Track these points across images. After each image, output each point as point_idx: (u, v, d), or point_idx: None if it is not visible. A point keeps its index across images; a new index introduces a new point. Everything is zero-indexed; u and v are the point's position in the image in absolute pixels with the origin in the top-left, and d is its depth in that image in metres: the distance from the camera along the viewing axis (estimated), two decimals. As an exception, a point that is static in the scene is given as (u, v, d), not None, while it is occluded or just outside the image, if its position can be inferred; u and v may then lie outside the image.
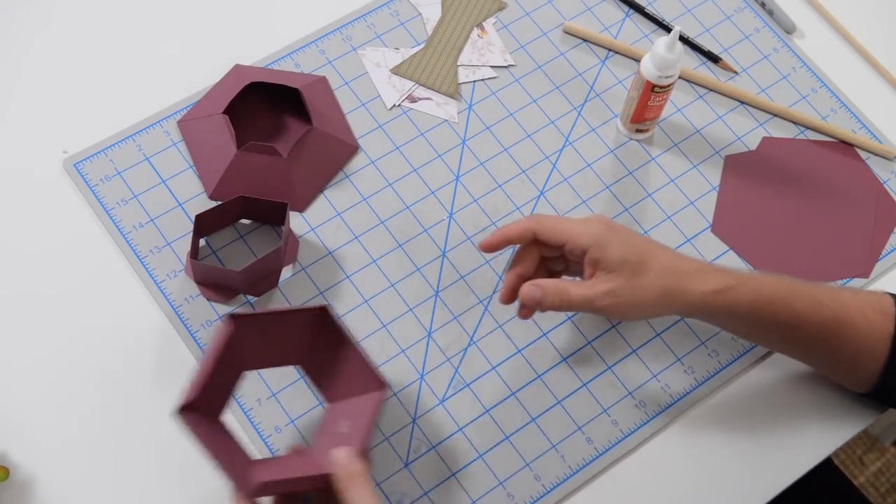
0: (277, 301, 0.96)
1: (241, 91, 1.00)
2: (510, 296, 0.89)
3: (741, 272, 0.89)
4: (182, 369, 0.93)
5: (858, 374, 0.91)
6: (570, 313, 0.98)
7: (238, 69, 1.03)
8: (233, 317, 0.81)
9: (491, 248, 0.88)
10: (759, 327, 0.89)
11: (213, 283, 0.95)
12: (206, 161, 1.00)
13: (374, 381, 0.84)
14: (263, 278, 0.95)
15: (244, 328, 0.82)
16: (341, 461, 0.78)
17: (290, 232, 0.98)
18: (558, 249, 0.89)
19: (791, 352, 0.93)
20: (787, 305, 0.87)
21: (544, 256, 0.90)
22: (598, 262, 0.86)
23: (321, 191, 1.01)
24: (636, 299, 0.86)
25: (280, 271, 0.96)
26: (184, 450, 0.90)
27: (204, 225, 0.95)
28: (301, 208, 1.00)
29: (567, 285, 0.86)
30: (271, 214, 0.97)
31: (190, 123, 1.01)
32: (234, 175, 0.98)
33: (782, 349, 0.93)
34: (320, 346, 0.86)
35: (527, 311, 0.89)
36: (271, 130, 1.03)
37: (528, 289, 0.86)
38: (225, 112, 0.99)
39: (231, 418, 0.91)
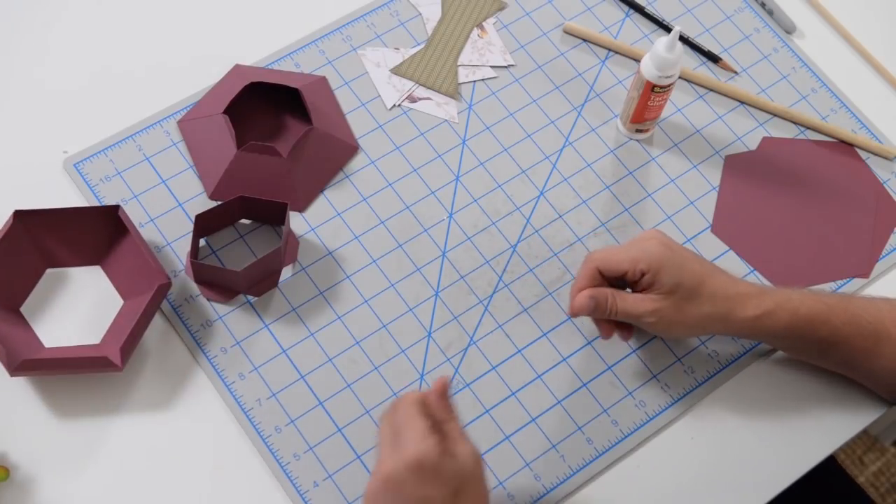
0: (278, 301, 0.96)
1: (241, 91, 1.00)
2: (578, 312, 0.90)
3: (783, 292, 0.90)
4: (182, 369, 0.93)
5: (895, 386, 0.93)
6: (568, 314, 0.98)
7: (238, 69, 1.03)
8: (18, 213, 0.90)
9: (582, 311, 0.89)
10: (800, 347, 0.93)
11: (214, 283, 0.95)
12: (206, 161, 1.00)
13: (159, 277, 0.90)
14: (264, 278, 0.95)
15: (35, 225, 0.91)
16: None
17: (291, 232, 0.98)
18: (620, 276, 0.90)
19: (833, 367, 0.95)
20: (825, 323, 0.90)
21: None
22: (653, 284, 0.88)
23: (321, 191, 1.01)
24: (679, 321, 0.89)
25: (280, 271, 0.96)
26: (184, 445, 0.90)
27: (204, 225, 0.95)
28: (301, 208, 1.00)
29: (617, 299, 0.88)
30: (272, 214, 0.97)
31: (190, 123, 1.01)
32: (234, 175, 0.98)
33: (825, 364, 0.95)
34: (117, 247, 0.93)
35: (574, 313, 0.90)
36: (271, 130, 1.03)
37: (582, 300, 0.88)
38: (225, 112, 0.99)
39: (231, 418, 0.91)
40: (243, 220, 0.99)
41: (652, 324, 0.89)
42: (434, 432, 0.76)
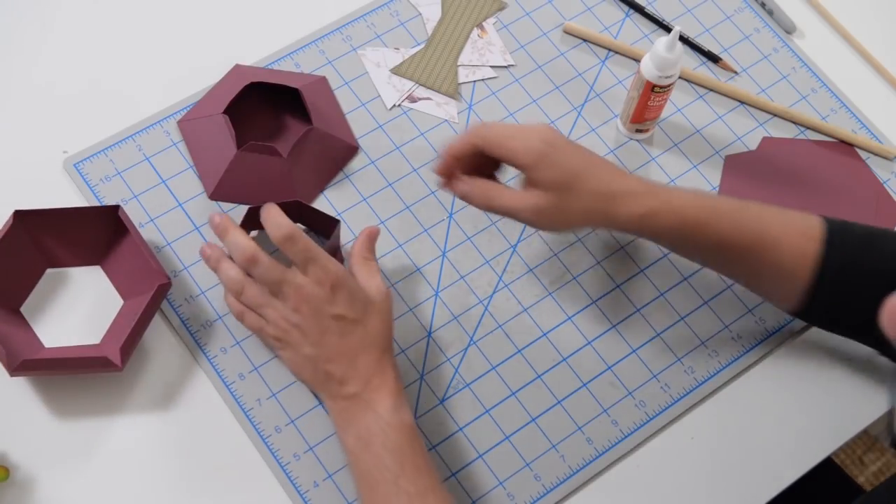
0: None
1: (242, 91, 1.00)
2: (443, 172, 0.91)
3: (670, 191, 0.90)
4: (182, 369, 0.93)
5: (780, 293, 0.92)
6: (570, 313, 0.98)
7: (238, 69, 1.03)
8: (18, 213, 0.90)
9: (444, 171, 0.91)
10: (684, 248, 0.92)
11: None
12: (206, 161, 1.00)
13: (159, 278, 0.90)
14: None
15: (35, 225, 0.92)
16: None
17: (339, 248, 0.97)
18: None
19: (717, 269, 0.95)
20: (710, 225, 0.89)
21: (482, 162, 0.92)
22: (532, 181, 0.88)
23: (321, 191, 1.01)
24: (559, 219, 0.89)
25: None
26: (184, 445, 0.90)
27: (253, 220, 0.94)
28: (301, 208, 1.00)
29: (496, 191, 0.89)
30: (322, 225, 0.96)
31: (190, 123, 1.01)
32: (235, 175, 0.98)
33: (709, 267, 0.95)
34: (116, 247, 0.94)
35: (448, 186, 0.92)
36: (271, 130, 1.03)
37: (460, 185, 0.90)
38: (225, 112, 0.99)
39: (231, 418, 0.91)
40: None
41: (530, 220, 0.89)
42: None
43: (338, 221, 0.95)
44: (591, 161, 0.89)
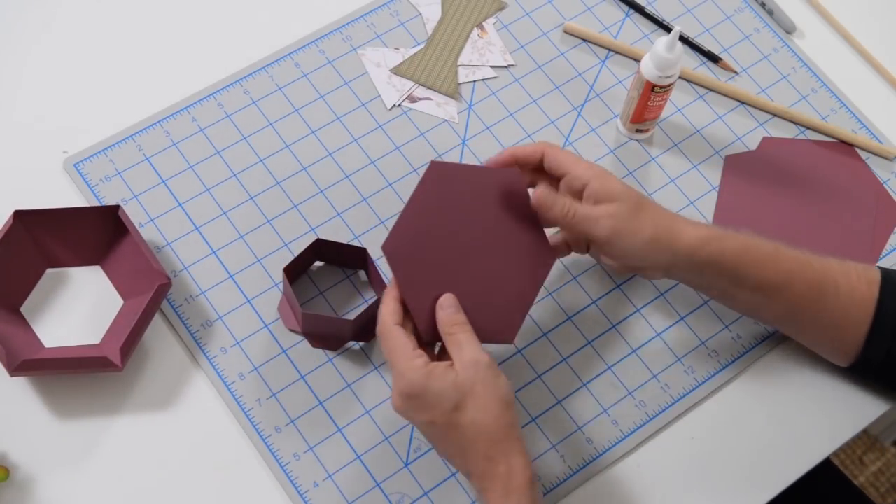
0: (277, 301, 0.96)
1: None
2: (501, 164, 0.89)
3: (723, 228, 0.89)
4: (182, 369, 0.93)
5: (841, 343, 0.91)
6: (569, 314, 0.98)
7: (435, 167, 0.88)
8: (18, 213, 0.90)
9: (497, 164, 0.89)
10: (743, 284, 0.88)
11: (321, 334, 0.94)
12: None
13: (159, 278, 0.90)
14: (368, 322, 0.93)
15: (35, 225, 0.91)
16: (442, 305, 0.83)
17: (376, 271, 0.96)
18: (555, 181, 0.89)
19: (774, 315, 0.91)
20: (773, 261, 0.87)
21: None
22: (599, 194, 0.86)
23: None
24: (633, 229, 0.85)
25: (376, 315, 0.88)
26: (184, 445, 0.90)
27: (293, 274, 0.94)
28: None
29: (572, 202, 0.86)
30: (350, 257, 0.96)
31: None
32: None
33: (763, 313, 0.92)
34: (116, 247, 0.94)
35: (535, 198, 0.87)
36: None
37: (543, 193, 0.85)
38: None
39: (231, 418, 0.91)
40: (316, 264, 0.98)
41: (608, 227, 0.85)
42: (420, 354, 0.79)
43: (364, 250, 0.94)
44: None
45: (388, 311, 0.81)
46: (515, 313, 0.87)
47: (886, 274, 0.90)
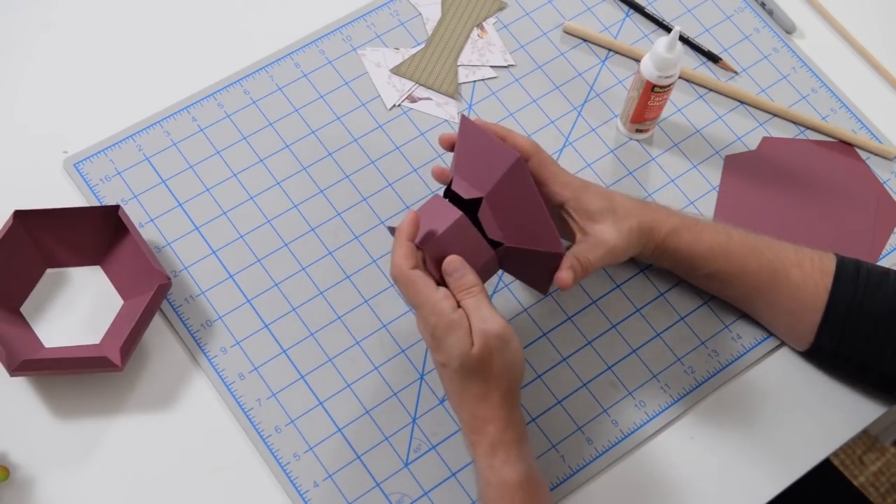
0: (277, 301, 0.96)
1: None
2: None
3: (689, 218, 0.93)
4: (182, 369, 0.93)
5: (795, 329, 0.94)
6: (569, 314, 0.98)
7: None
8: (18, 213, 0.91)
9: (569, 283, 0.87)
10: (698, 273, 0.95)
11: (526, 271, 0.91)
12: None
13: (159, 278, 0.90)
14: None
15: (35, 225, 0.92)
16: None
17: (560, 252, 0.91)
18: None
19: (732, 298, 0.97)
20: (723, 253, 0.92)
21: None
22: (579, 211, 0.90)
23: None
24: (623, 246, 0.90)
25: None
26: (184, 445, 0.90)
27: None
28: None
29: (581, 256, 0.88)
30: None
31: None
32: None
33: (723, 295, 0.97)
34: (116, 247, 0.94)
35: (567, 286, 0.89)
36: None
37: (565, 276, 0.87)
38: None
39: (231, 418, 0.92)
40: None
41: (617, 246, 0.90)
42: (444, 296, 0.81)
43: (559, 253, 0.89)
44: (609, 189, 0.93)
45: (403, 254, 0.82)
46: (550, 233, 0.87)
47: (841, 262, 0.93)
